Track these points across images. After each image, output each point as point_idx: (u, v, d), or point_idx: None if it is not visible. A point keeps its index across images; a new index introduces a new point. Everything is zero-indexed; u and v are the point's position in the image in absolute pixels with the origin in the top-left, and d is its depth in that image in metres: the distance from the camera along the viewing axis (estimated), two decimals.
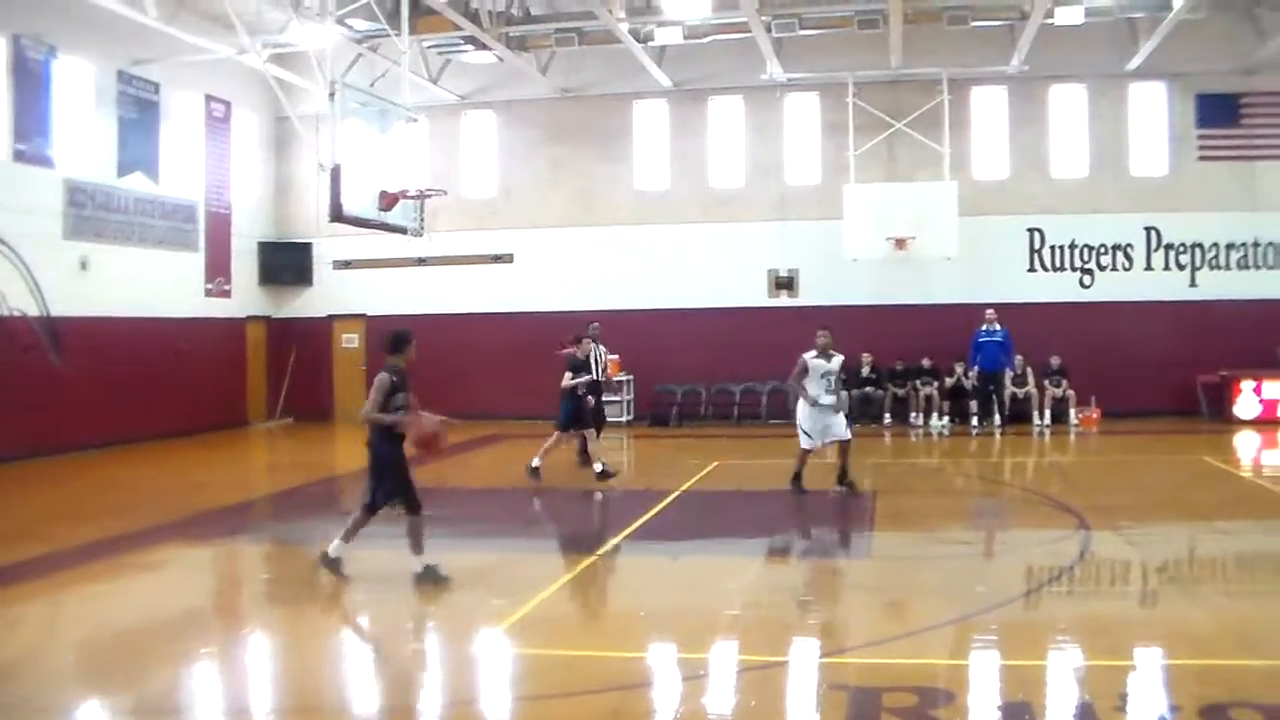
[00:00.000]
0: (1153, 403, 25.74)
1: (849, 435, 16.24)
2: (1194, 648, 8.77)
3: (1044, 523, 14.64)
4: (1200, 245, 26.64)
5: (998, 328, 25.06)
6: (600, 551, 12.80)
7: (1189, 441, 22.28)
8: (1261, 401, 24.76)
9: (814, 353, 16.13)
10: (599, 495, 17.24)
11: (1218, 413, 25.17)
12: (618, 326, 24.87)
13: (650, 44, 25.16)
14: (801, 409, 16.04)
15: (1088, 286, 26.94)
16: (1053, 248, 27.07)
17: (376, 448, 10.98)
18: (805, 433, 15.96)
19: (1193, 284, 26.64)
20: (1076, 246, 27.01)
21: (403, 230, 21.55)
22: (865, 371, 26.24)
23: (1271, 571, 12.27)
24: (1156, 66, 25.57)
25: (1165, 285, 26.59)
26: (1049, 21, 23.10)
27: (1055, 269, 27.09)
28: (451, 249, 27.18)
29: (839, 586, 11.40)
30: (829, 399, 15.98)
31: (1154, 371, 25.74)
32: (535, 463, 18.03)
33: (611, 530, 14.33)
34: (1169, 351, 25.72)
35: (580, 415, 18.22)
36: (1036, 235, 27.07)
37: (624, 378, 26.51)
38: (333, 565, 11.14)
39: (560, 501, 17.17)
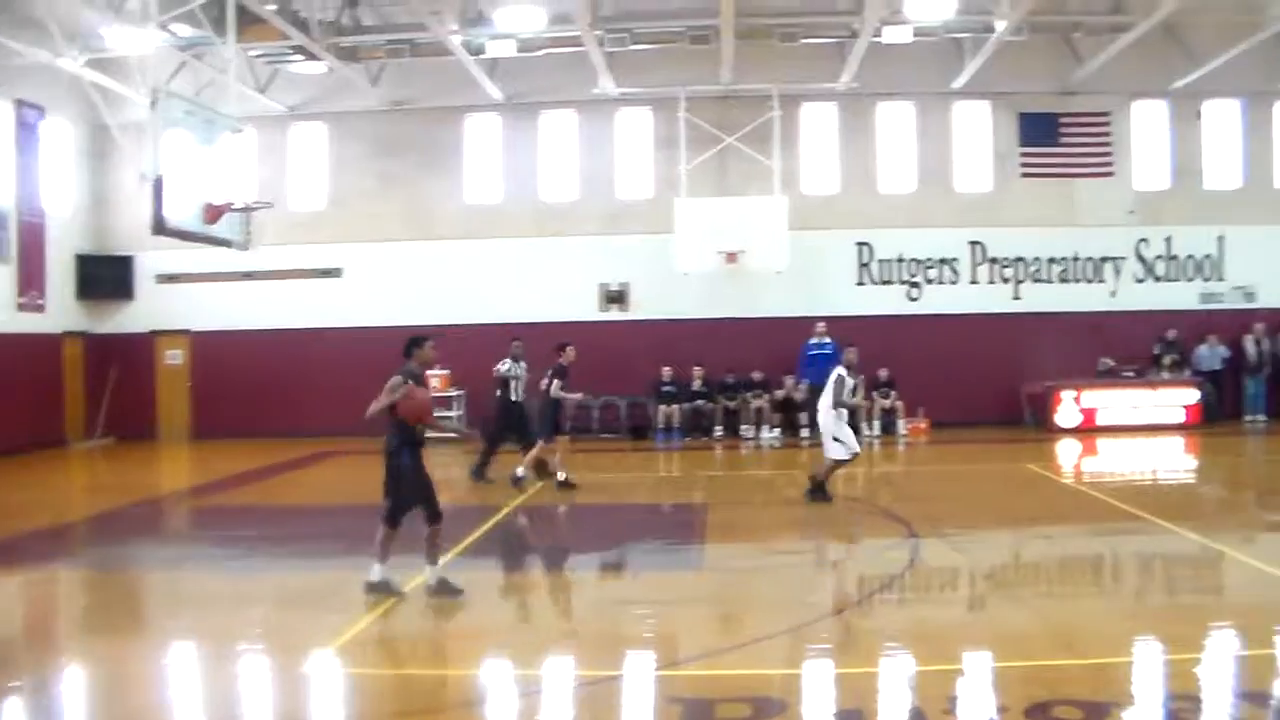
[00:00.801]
0: (979, 412, 26.32)
1: (859, 449, 16.67)
2: (1019, 649, 8.99)
3: (874, 532, 14.85)
4: (1023, 259, 27.42)
5: (828, 340, 25.35)
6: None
7: (1014, 450, 22.82)
8: (1082, 410, 25.48)
9: (846, 370, 16.39)
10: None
11: (1041, 422, 25.81)
12: (449, 341, 24.65)
13: (482, 56, 24.96)
14: (834, 421, 16.16)
15: (915, 299, 27.48)
16: (881, 261, 27.56)
17: (394, 457, 10.76)
18: (841, 442, 16.12)
19: (1016, 296, 27.41)
20: (904, 260, 27.53)
21: (228, 243, 21.02)
22: (697, 385, 26.37)
23: (1091, 574, 12.69)
24: (981, 86, 26.32)
25: (990, 298, 27.30)
26: (877, 40, 23.64)
27: (883, 282, 27.57)
28: (279, 263, 26.58)
29: (672, 599, 11.33)
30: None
31: (980, 382, 26.35)
32: (562, 476, 18.24)
33: (445, 546, 14.07)
34: (994, 362, 26.38)
35: (558, 423, 18.39)
36: (865, 249, 27.53)
37: (456, 393, 26.18)
38: (382, 589, 10.74)
39: None
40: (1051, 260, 27.44)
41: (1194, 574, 12.50)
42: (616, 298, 27.75)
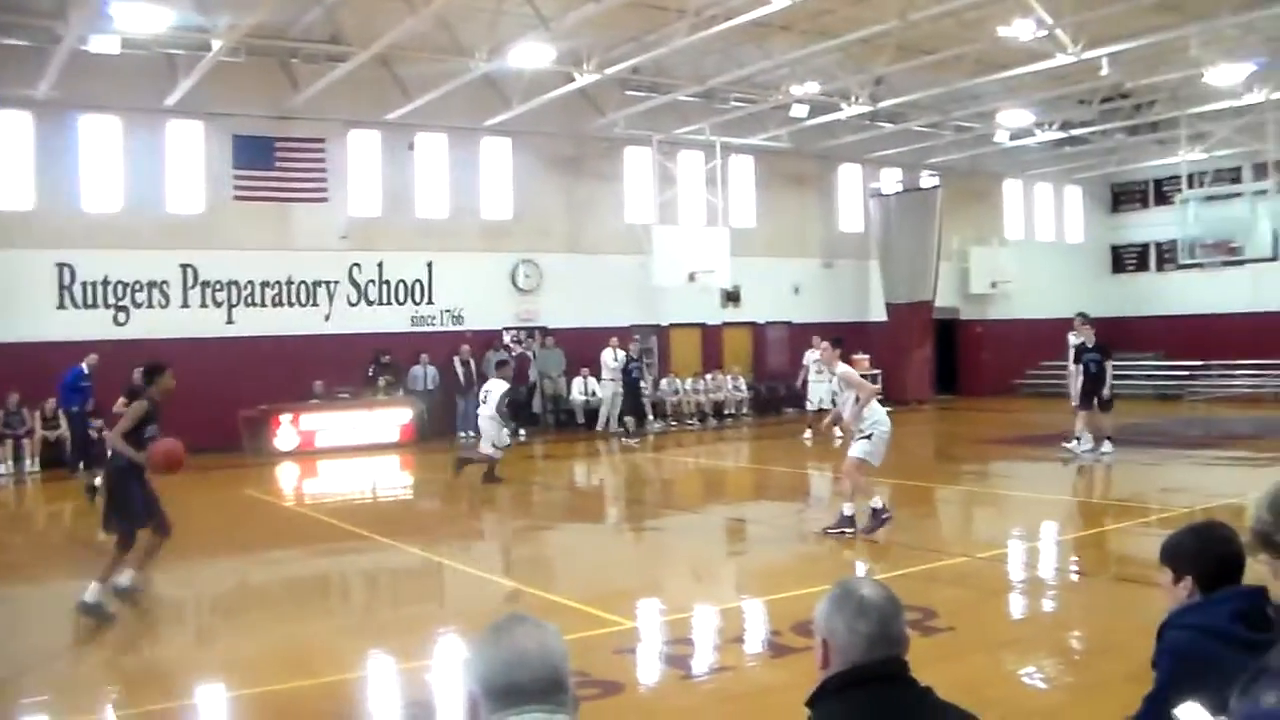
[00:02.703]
0: (197, 439, 24.63)
1: (510, 441, 20.82)
2: (249, 677, 8.85)
3: (82, 573, 13.79)
4: (237, 283, 26.93)
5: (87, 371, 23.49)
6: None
7: (234, 476, 22.38)
8: (300, 433, 25.54)
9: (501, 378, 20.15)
10: None
11: (259, 446, 25.47)
12: None
13: None
14: (494, 424, 19.55)
15: (123, 324, 26.00)
16: (84, 284, 25.78)
17: (126, 475, 10.70)
18: (495, 445, 19.66)
19: (230, 321, 26.84)
20: (110, 283, 25.96)
21: None
22: None
23: (319, 594, 12.79)
24: (196, 105, 25.38)
25: (203, 322, 26.47)
26: (83, 48, 22.14)
27: (88, 306, 25.81)
28: None
29: None
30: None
31: (195, 408, 25.04)
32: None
33: None
34: (210, 388, 25.18)
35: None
36: (67, 271, 25.64)
37: None
38: (94, 611, 10.37)
39: None
40: (265, 284, 27.23)
41: (418, 585, 12.88)
42: None
